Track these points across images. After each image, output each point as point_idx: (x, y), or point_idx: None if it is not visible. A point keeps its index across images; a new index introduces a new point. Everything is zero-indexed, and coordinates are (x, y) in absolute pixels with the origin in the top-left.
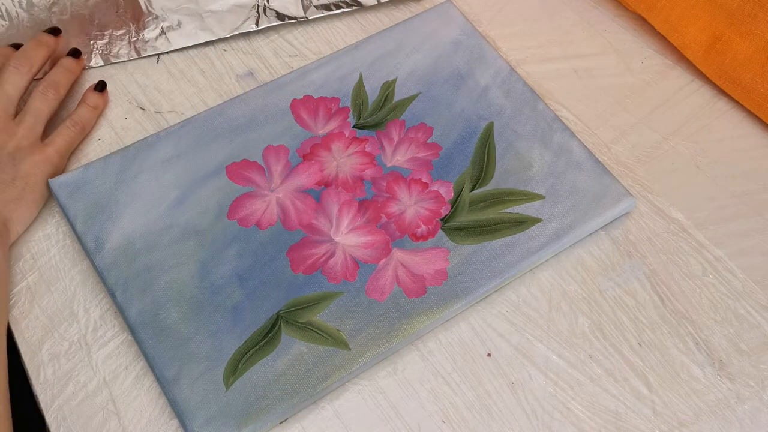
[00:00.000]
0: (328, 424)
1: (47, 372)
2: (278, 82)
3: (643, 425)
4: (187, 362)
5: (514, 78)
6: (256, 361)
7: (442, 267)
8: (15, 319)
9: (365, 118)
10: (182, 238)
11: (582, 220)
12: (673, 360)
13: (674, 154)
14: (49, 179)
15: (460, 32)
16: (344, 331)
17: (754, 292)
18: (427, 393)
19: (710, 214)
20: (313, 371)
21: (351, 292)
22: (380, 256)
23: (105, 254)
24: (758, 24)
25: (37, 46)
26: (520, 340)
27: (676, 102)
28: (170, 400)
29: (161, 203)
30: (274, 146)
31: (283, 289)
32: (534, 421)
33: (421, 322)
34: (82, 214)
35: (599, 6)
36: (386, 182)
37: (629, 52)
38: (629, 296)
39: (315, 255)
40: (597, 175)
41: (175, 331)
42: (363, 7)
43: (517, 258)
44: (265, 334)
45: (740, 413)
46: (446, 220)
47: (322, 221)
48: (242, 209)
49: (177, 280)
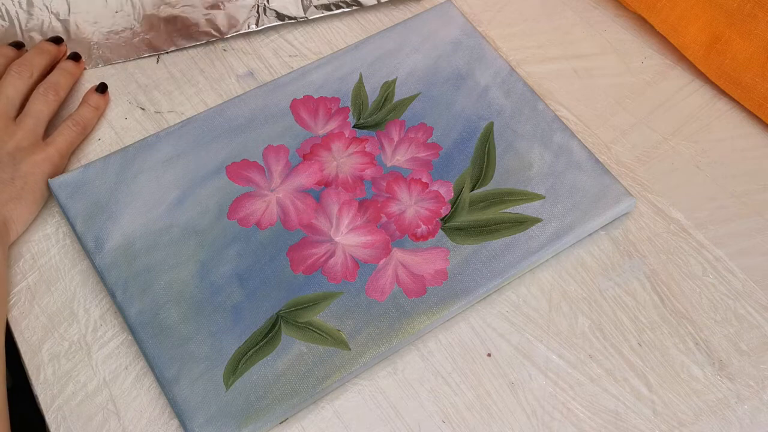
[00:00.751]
0: (328, 424)
1: (47, 372)
2: (278, 82)
3: (643, 425)
4: (187, 362)
5: (514, 78)
6: (256, 361)
7: (442, 267)
8: (15, 319)
9: (365, 118)
10: (182, 238)
11: (582, 220)
12: (673, 360)
13: (674, 154)
14: (49, 179)
15: (460, 32)
16: (344, 331)
17: (754, 292)
18: (427, 393)
19: (710, 214)
20: (313, 371)
21: (351, 292)
22: (380, 256)
23: (105, 254)
24: (758, 24)
25: (38, 52)
26: (520, 340)
27: (676, 102)
28: (170, 400)
29: (161, 203)
30: (274, 146)
31: (283, 289)
32: (534, 421)
33: (422, 322)
34: (82, 214)
35: (599, 6)
36: (386, 182)
37: (629, 52)
38: (629, 296)
39: (315, 255)
40: (597, 175)
41: (175, 331)
42: (363, 7)
43: (517, 258)
44: (265, 334)
45: (740, 413)
46: (446, 220)
47: (322, 221)
48: (242, 209)
49: (177, 280)
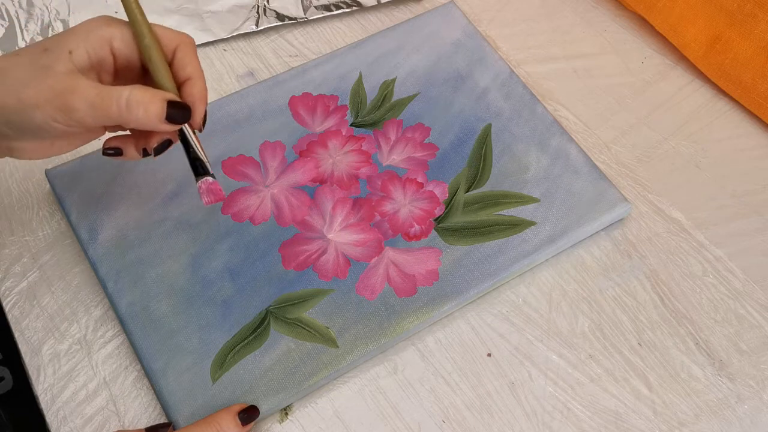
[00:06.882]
0: (328, 423)
1: (47, 372)
2: (277, 79)
3: (643, 425)
4: (175, 354)
5: (514, 80)
6: (243, 356)
7: (434, 267)
8: (15, 319)
9: (363, 117)
10: (176, 231)
11: (576, 224)
12: (673, 360)
13: (674, 154)
14: (45, 169)
15: (461, 33)
16: (333, 328)
17: (754, 292)
18: (427, 393)
19: (710, 214)
20: (300, 367)
21: (341, 290)
22: (372, 254)
23: (98, 245)
24: (758, 24)
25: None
26: (520, 340)
27: (676, 102)
28: (157, 392)
29: (156, 196)
30: (270, 142)
31: (274, 285)
32: (534, 421)
33: (411, 322)
34: (78, 204)
35: (599, 6)
36: (381, 181)
37: (629, 52)
38: (629, 296)
39: (307, 251)
40: (593, 179)
41: (165, 323)
42: (363, 7)
43: (509, 260)
44: (254, 329)
45: (740, 413)
46: (440, 221)
47: (315, 218)
48: (236, 204)
49: (169, 273)
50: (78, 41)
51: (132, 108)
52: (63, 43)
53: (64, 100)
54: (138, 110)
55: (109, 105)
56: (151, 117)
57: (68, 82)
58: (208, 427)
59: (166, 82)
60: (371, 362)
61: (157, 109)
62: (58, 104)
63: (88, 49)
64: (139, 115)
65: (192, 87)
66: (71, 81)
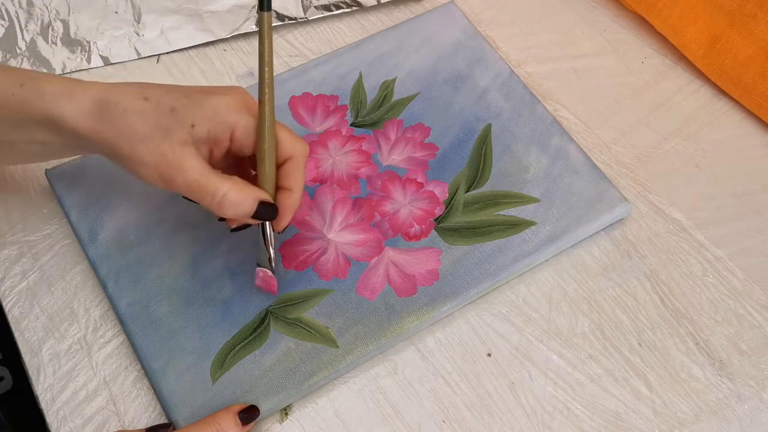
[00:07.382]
0: (328, 424)
1: (47, 372)
2: (277, 79)
3: (643, 425)
4: (174, 354)
5: (514, 80)
6: (243, 356)
7: (434, 267)
8: (15, 319)
9: (363, 117)
10: (176, 231)
11: (576, 224)
12: (673, 360)
13: (674, 154)
14: (45, 169)
15: (462, 33)
16: (333, 328)
17: (754, 292)
18: (427, 393)
19: (710, 214)
20: (300, 367)
21: (341, 290)
22: (372, 254)
23: (98, 245)
24: (758, 24)
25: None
26: (520, 340)
27: (676, 102)
28: (157, 392)
29: (156, 196)
30: None
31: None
32: (534, 421)
33: (411, 322)
34: (78, 204)
35: (599, 6)
36: (381, 181)
37: (629, 52)
38: (629, 296)
39: (307, 251)
40: (593, 179)
41: (165, 323)
42: (363, 7)
43: (509, 261)
44: (254, 329)
45: (740, 413)
46: (440, 221)
47: (315, 218)
48: None
49: (169, 273)
50: (204, 119)
51: (224, 206)
52: (190, 112)
53: (168, 171)
54: (229, 209)
55: (204, 196)
56: (240, 215)
57: (179, 156)
58: (208, 427)
59: (268, 186)
60: (371, 362)
61: (249, 209)
62: (162, 173)
63: (209, 128)
64: (229, 212)
65: (288, 198)
66: (181, 156)
